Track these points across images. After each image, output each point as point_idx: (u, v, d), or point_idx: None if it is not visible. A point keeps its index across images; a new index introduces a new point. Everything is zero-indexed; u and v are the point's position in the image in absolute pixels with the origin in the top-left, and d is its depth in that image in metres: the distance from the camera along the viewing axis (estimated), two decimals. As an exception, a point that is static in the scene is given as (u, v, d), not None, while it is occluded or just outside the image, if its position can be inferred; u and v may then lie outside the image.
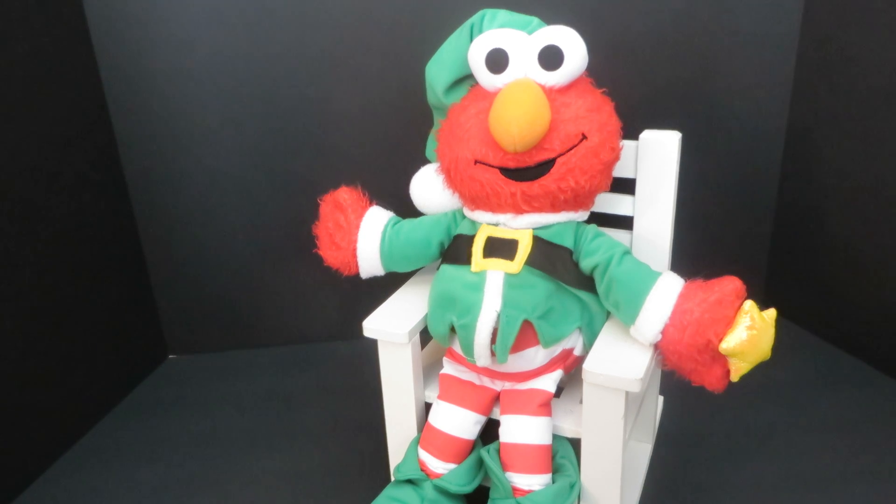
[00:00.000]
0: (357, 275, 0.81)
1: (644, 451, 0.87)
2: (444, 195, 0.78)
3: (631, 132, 0.73)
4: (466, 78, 0.75)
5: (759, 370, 0.69)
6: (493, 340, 0.68)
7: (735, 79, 1.07)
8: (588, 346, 0.71)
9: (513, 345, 0.67)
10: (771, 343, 0.63)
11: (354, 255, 0.78)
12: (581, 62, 0.67)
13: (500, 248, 0.69)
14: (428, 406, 0.77)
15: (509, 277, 0.67)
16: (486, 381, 0.75)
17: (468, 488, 0.71)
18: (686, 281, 0.67)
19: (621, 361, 0.64)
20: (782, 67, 1.08)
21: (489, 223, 0.71)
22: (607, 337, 0.69)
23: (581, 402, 0.66)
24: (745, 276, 0.67)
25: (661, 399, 0.95)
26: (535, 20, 0.72)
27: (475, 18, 0.74)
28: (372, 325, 0.74)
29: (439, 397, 0.74)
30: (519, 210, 0.68)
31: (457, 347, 0.74)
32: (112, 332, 1.04)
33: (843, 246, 1.05)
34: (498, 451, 0.70)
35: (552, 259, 0.68)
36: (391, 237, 0.78)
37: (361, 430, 0.95)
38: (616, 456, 0.66)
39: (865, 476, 0.82)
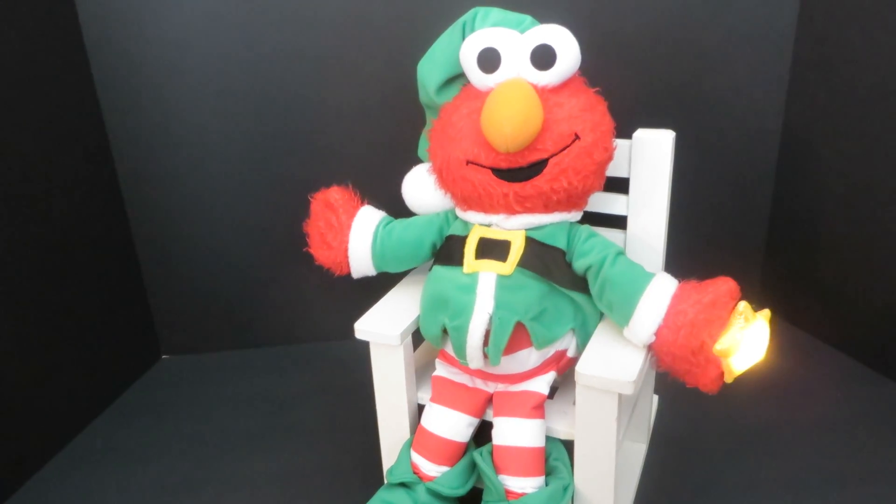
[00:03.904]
0: (348, 275, 0.80)
1: (638, 452, 0.86)
2: (435, 195, 0.77)
3: (625, 131, 0.73)
4: (458, 77, 0.74)
5: (754, 371, 0.68)
6: (485, 342, 0.67)
7: (730, 77, 1.07)
8: (581, 347, 0.71)
9: (506, 347, 0.67)
10: (765, 344, 0.63)
11: (346, 256, 0.78)
12: (574, 61, 0.66)
13: (492, 249, 0.68)
14: (421, 408, 0.76)
15: (502, 279, 0.67)
16: (479, 383, 0.74)
17: (461, 491, 0.70)
18: (680, 282, 0.66)
19: (614, 363, 0.64)
20: (778, 66, 1.07)
21: (481, 224, 0.70)
22: (601, 338, 0.69)
23: (574, 403, 0.66)
24: (740, 276, 0.67)
25: (655, 399, 0.95)
26: (528, 19, 0.72)
27: (467, 17, 0.73)
28: (364, 327, 0.73)
29: (432, 400, 0.74)
30: (511, 211, 0.68)
31: (449, 349, 0.73)
32: (105, 332, 1.03)
33: (839, 246, 1.05)
34: (491, 454, 0.70)
35: (545, 260, 0.68)
36: (383, 238, 0.77)
37: (355, 432, 0.94)
38: (610, 458, 0.65)
39: (860, 477, 0.81)
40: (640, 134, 0.73)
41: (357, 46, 1.01)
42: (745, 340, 0.62)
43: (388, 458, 0.79)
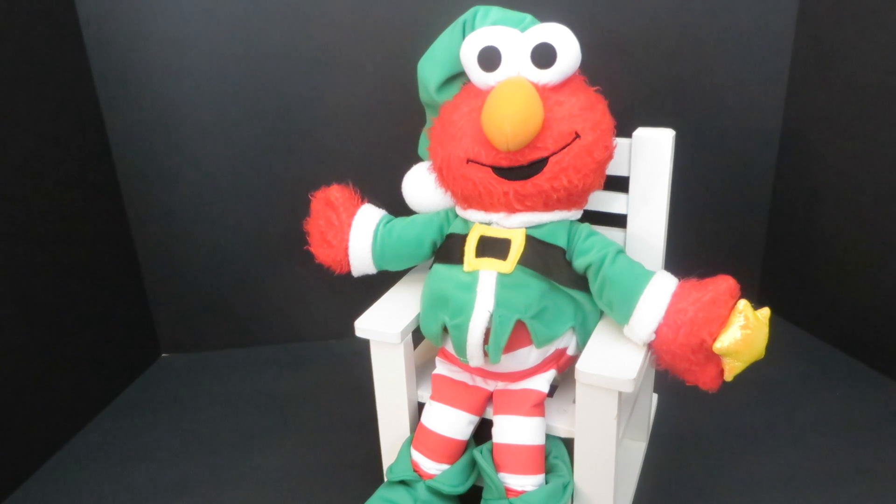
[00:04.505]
0: (349, 273, 0.80)
1: (638, 450, 0.86)
2: (436, 194, 0.77)
3: (624, 130, 0.73)
4: (459, 75, 0.74)
5: (754, 369, 0.68)
6: (485, 340, 0.67)
7: (730, 76, 1.07)
8: (581, 345, 0.71)
9: (506, 345, 0.67)
10: (765, 342, 0.63)
11: (346, 254, 0.78)
12: (574, 60, 0.67)
13: (492, 247, 0.68)
14: (421, 406, 0.76)
15: (502, 277, 0.67)
16: (479, 382, 0.74)
17: (461, 489, 0.71)
18: (680, 280, 0.66)
19: (614, 361, 0.64)
20: (777, 65, 1.08)
21: (482, 222, 0.70)
22: (600, 336, 0.69)
23: (574, 401, 0.66)
24: (740, 274, 0.67)
25: (655, 397, 0.95)
26: (528, 17, 0.71)
27: (467, 15, 0.73)
28: (364, 325, 0.73)
29: (432, 398, 0.74)
30: (511, 209, 0.68)
31: (449, 347, 0.73)
32: (105, 330, 1.03)
33: (838, 244, 1.05)
34: (491, 452, 0.70)
35: (545, 258, 0.68)
36: (383, 236, 0.77)
37: (354, 430, 0.94)
38: (609, 456, 0.66)
39: (859, 475, 0.82)
40: (640, 133, 0.73)
41: (357, 45, 1.01)
42: (745, 339, 0.62)
43: (388, 456, 0.79)
